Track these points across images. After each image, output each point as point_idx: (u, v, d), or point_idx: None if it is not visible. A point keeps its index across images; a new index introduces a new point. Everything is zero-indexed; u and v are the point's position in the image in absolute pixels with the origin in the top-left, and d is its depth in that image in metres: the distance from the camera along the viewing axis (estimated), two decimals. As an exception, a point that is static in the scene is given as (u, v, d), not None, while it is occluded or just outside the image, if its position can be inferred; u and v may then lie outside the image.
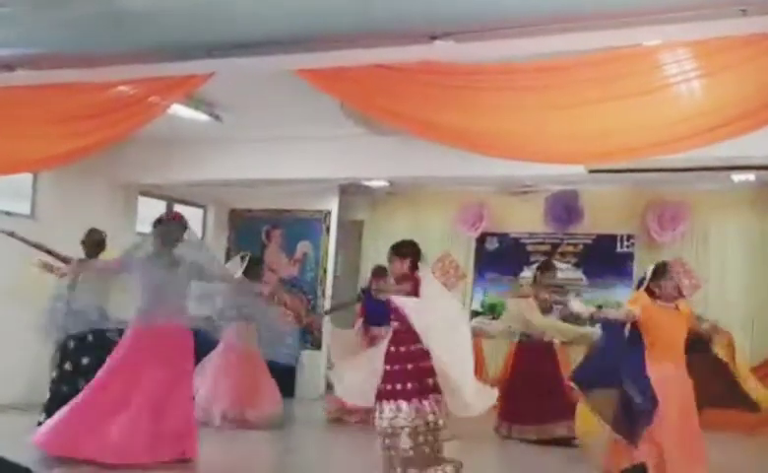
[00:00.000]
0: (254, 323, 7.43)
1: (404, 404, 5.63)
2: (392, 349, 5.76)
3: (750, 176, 9.49)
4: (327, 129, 8.81)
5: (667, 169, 8.49)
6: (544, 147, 5.35)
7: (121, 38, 5.62)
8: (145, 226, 10.77)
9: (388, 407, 5.67)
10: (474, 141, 5.47)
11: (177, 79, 5.76)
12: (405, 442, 5.58)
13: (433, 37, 5.10)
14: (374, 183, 11.30)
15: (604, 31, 4.79)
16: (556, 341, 8.30)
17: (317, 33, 5.28)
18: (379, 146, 8.91)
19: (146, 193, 10.91)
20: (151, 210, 11.09)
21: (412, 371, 5.65)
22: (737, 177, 9.56)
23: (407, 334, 5.65)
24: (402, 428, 5.60)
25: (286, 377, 10.29)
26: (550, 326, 8.21)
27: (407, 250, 5.91)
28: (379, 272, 8.85)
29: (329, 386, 9.03)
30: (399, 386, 5.66)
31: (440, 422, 5.68)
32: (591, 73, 4.88)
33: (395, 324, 5.79)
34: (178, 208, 11.55)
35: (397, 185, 11.44)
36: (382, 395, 5.73)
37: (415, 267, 5.84)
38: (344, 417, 9.07)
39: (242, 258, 8.72)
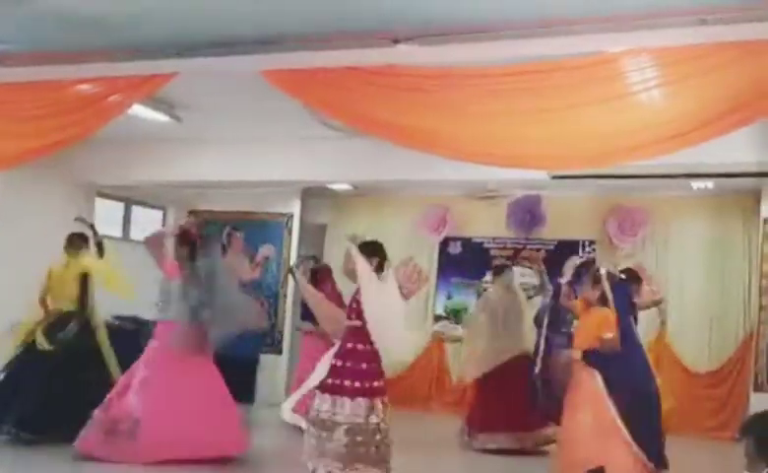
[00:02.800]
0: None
1: (347, 401, 5.64)
2: (348, 345, 5.79)
3: (709, 184, 9.61)
4: (290, 131, 8.73)
5: (628, 176, 8.55)
6: (509, 151, 5.36)
7: (83, 37, 5.55)
8: (103, 227, 10.62)
9: (331, 400, 5.67)
10: (438, 144, 5.46)
11: (139, 78, 5.70)
12: (341, 439, 5.58)
13: (396, 41, 5.08)
14: (337, 186, 11.24)
15: (567, 37, 4.81)
16: None
17: (280, 34, 5.25)
18: (342, 149, 8.85)
19: (104, 194, 10.73)
20: (109, 211, 10.94)
21: (364, 371, 5.69)
22: (697, 185, 9.67)
23: (362, 332, 5.69)
24: (340, 424, 5.60)
25: (245, 381, 10.19)
26: None
27: (371, 251, 5.91)
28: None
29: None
30: (347, 383, 5.67)
31: (382, 425, 5.69)
32: (555, 79, 4.90)
33: (355, 322, 5.79)
34: (137, 209, 11.40)
35: (360, 189, 11.40)
36: (326, 388, 5.73)
37: (380, 268, 5.85)
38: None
39: None
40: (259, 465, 7.28)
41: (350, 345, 5.78)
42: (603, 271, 6.40)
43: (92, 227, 7.67)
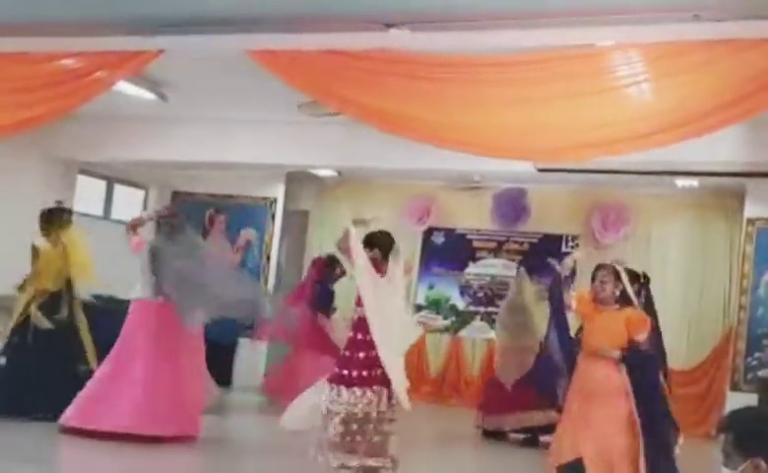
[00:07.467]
0: None
1: (343, 390, 5.65)
2: (351, 335, 5.86)
3: (694, 182, 9.64)
4: (275, 114, 8.68)
5: (613, 171, 8.56)
6: (494, 142, 5.35)
7: (70, 9, 5.46)
8: (84, 205, 10.52)
9: (329, 389, 5.69)
10: (423, 132, 5.43)
11: (126, 54, 5.64)
12: (336, 428, 5.59)
13: (389, 25, 5.05)
14: (321, 172, 11.19)
15: (558, 28, 4.80)
16: None
17: (271, 14, 5.19)
18: (328, 134, 8.81)
19: (85, 171, 10.63)
20: (91, 189, 10.83)
21: (362, 360, 5.70)
22: (681, 183, 9.70)
23: (364, 322, 5.69)
24: (336, 413, 5.59)
25: (223, 365, 10.14)
26: None
27: (376, 242, 5.95)
28: (330, 262, 9.19)
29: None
30: (345, 372, 5.71)
31: (374, 414, 5.68)
32: (544, 70, 4.88)
33: (359, 310, 5.81)
34: (119, 188, 11.30)
35: (344, 175, 11.36)
36: (329, 378, 5.79)
37: (385, 259, 5.89)
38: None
39: None
40: (238, 450, 7.26)
41: (354, 335, 5.84)
42: (621, 268, 6.11)
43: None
